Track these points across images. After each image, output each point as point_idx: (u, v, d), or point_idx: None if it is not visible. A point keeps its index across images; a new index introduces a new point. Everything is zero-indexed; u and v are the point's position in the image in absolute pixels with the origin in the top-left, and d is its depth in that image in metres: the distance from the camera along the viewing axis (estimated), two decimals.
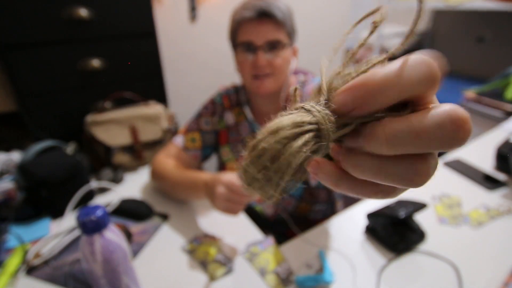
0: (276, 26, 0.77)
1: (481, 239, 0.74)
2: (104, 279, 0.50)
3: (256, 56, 0.78)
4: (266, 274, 0.65)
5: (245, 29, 0.78)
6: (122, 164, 1.03)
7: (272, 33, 0.77)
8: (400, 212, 0.68)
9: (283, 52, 0.79)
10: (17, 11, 0.91)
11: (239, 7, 0.80)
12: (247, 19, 0.77)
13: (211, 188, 0.69)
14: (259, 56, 0.78)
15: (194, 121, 0.94)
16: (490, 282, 0.63)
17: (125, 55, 1.13)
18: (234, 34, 0.82)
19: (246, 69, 0.81)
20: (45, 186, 0.78)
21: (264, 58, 0.78)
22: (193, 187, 0.77)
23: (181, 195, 0.85)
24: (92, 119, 1.00)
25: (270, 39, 0.77)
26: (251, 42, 0.78)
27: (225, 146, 0.94)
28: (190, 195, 0.82)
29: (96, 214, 0.47)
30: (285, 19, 0.77)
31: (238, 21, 0.79)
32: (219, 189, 0.65)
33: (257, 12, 0.75)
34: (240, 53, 0.81)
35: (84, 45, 1.05)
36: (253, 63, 0.79)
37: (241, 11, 0.78)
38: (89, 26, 1.03)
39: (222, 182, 0.65)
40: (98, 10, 1.02)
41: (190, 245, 0.73)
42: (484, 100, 1.86)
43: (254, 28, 0.77)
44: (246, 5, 0.78)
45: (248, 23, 0.77)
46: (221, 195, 0.64)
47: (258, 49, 0.77)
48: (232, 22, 0.83)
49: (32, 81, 0.99)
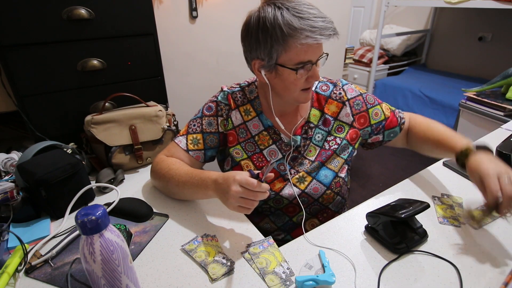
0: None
1: (481, 239, 0.74)
2: (104, 279, 0.50)
3: (312, 71, 0.79)
4: (266, 274, 0.65)
5: (311, 50, 0.75)
6: (122, 164, 1.03)
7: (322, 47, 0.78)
8: (401, 212, 0.68)
9: (325, 60, 0.82)
10: (17, 11, 0.91)
11: (298, 25, 0.71)
12: (316, 43, 0.74)
13: (223, 186, 0.70)
14: (316, 72, 0.79)
15: (196, 122, 0.93)
16: (490, 282, 0.63)
17: (125, 55, 1.13)
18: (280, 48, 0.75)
19: (298, 85, 0.81)
20: (45, 186, 0.78)
21: (319, 71, 0.80)
22: (201, 186, 0.77)
23: (187, 194, 0.85)
24: (92, 119, 1.00)
25: (322, 53, 0.79)
26: (310, 61, 0.77)
27: (236, 146, 0.93)
28: (197, 194, 0.82)
29: (96, 214, 0.47)
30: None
31: (303, 43, 0.73)
32: (234, 187, 0.67)
33: (330, 35, 0.73)
34: (294, 73, 0.78)
35: (84, 45, 1.05)
36: (308, 78, 0.80)
37: (307, 33, 0.71)
38: (89, 26, 1.03)
39: (237, 180, 0.67)
40: (98, 10, 1.02)
41: (190, 245, 0.73)
42: (484, 100, 1.86)
43: (317, 43, 0.75)
44: (312, 26, 0.71)
45: (314, 45, 0.75)
46: (237, 193, 0.66)
47: (314, 65, 0.78)
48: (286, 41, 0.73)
49: (32, 81, 0.99)
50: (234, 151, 0.93)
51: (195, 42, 1.65)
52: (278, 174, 0.92)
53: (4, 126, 1.30)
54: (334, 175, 0.92)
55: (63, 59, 1.02)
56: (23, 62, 0.96)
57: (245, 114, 0.93)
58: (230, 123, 0.93)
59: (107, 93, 1.07)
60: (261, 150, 0.92)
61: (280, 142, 0.92)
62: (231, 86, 0.96)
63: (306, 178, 0.91)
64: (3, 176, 0.94)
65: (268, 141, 0.93)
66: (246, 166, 0.92)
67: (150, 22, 1.14)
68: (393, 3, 3.00)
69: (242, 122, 0.93)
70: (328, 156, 0.91)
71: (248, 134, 0.93)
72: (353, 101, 0.93)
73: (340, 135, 0.92)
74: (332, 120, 0.93)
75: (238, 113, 0.93)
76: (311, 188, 0.91)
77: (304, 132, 0.92)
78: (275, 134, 0.92)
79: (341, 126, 0.93)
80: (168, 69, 1.61)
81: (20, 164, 0.82)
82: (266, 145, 0.92)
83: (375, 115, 0.94)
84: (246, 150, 0.93)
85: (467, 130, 2.01)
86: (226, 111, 0.93)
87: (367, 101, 0.94)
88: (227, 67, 1.81)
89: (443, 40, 3.37)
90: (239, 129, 0.93)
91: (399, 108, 2.97)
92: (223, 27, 1.70)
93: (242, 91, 0.95)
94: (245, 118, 0.93)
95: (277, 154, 0.92)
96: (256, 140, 0.93)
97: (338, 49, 2.21)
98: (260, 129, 0.93)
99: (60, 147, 0.94)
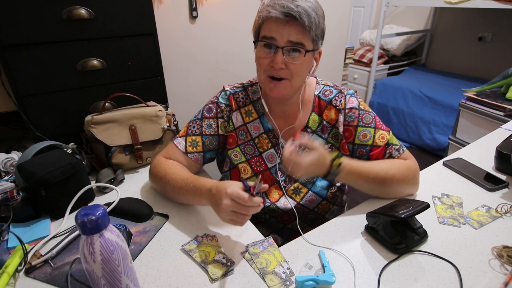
0: (302, 30, 0.74)
1: (482, 239, 0.74)
2: (104, 279, 0.50)
3: (275, 55, 0.77)
4: (266, 274, 0.65)
5: (270, 26, 0.76)
6: (122, 164, 1.03)
7: (296, 35, 0.74)
8: (401, 212, 0.68)
9: (303, 57, 0.77)
10: (17, 11, 0.91)
11: (268, 2, 0.77)
12: (273, 17, 0.74)
13: (215, 198, 0.69)
14: (277, 56, 0.76)
15: (196, 124, 0.92)
16: (490, 282, 0.63)
17: (125, 55, 1.13)
18: (258, 28, 0.80)
19: (262, 65, 0.80)
20: (45, 186, 0.78)
21: (282, 59, 0.76)
22: (196, 193, 0.77)
23: (183, 200, 0.85)
24: (92, 119, 1.00)
25: (293, 40, 0.75)
26: (274, 40, 0.76)
27: (235, 149, 0.92)
28: (193, 201, 0.82)
29: (96, 214, 0.47)
30: (311, 24, 0.74)
31: (264, 16, 0.76)
32: (225, 201, 0.65)
33: (284, 13, 0.73)
34: (260, 47, 0.79)
35: (84, 45, 1.05)
36: (271, 62, 0.78)
37: (269, 8, 0.75)
38: (89, 26, 1.03)
39: (229, 194, 0.65)
40: (98, 10, 1.02)
41: (190, 245, 0.73)
42: (484, 100, 1.86)
43: (279, 26, 0.74)
44: (275, 2, 0.74)
45: (274, 21, 0.75)
46: (227, 207, 0.65)
47: (278, 49, 0.76)
48: (258, 16, 0.79)
49: (32, 81, 0.99)
50: (233, 153, 0.92)
51: (195, 42, 1.65)
52: (275, 180, 0.91)
53: (4, 126, 1.29)
54: (330, 185, 0.91)
55: (63, 59, 1.02)
56: (23, 62, 0.96)
57: (246, 116, 0.92)
58: (231, 124, 0.91)
59: (107, 93, 1.07)
60: (260, 153, 0.91)
61: (279, 147, 0.91)
62: (233, 86, 0.94)
63: (301, 190, 0.90)
64: (3, 176, 0.94)
65: (267, 145, 0.91)
66: (244, 169, 0.91)
67: (150, 22, 1.14)
68: (393, 3, 3.00)
69: (242, 124, 0.92)
70: None
71: (248, 136, 0.92)
72: (348, 112, 0.87)
73: (336, 143, 0.90)
74: (329, 128, 0.90)
75: (239, 115, 0.92)
76: (307, 199, 0.90)
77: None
78: (274, 138, 0.91)
79: (336, 134, 0.90)
80: (168, 69, 1.61)
81: (20, 164, 0.82)
82: (266, 148, 0.91)
83: (362, 136, 0.87)
84: (245, 152, 0.92)
85: (467, 130, 2.01)
86: (227, 112, 0.91)
87: (361, 119, 0.87)
88: (227, 67, 1.81)
89: (443, 40, 3.37)
90: (239, 131, 0.92)
91: (399, 108, 3.01)
92: (223, 27, 1.70)
93: (245, 91, 0.93)
94: (246, 120, 0.92)
95: (275, 158, 0.91)
96: (256, 143, 0.92)
97: (338, 49, 2.21)
98: (261, 132, 0.91)
99: (60, 147, 0.94)
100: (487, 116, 1.84)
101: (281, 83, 0.79)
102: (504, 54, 2.89)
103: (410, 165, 0.85)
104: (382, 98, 3.16)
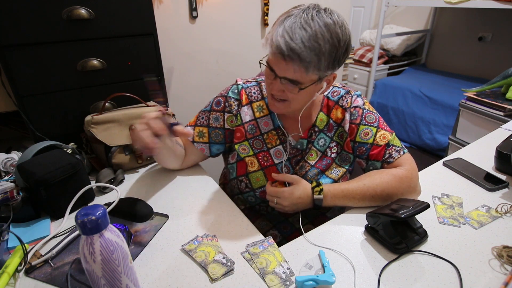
0: (299, 68, 0.71)
1: (482, 239, 0.74)
2: (104, 279, 0.50)
3: (275, 81, 0.77)
4: (266, 274, 0.65)
5: (272, 57, 0.75)
6: (122, 164, 1.03)
7: (293, 74, 0.73)
8: (401, 212, 0.68)
9: (299, 89, 0.76)
10: (17, 11, 0.91)
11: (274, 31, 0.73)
12: (274, 51, 0.72)
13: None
14: (276, 83, 0.77)
15: (204, 115, 0.95)
16: (490, 282, 0.63)
17: (125, 55, 1.13)
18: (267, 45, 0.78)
19: (266, 82, 0.81)
20: (45, 186, 0.78)
21: (280, 87, 0.77)
22: None
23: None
24: (92, 119, 1.00)
25: (289, 77, 0.74)
26: (274, 69, 0.75)
27: (243, 142, 0.93)
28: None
29: (96, 214, 0.47)
30: (313, 59, 0.70)
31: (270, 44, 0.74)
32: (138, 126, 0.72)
33: (282, 52, 0.70)
34: (266, 67, 0.79)
35: (84, 45, 1.05)
36: (271, 84, 0.79)
37: (273, 39, 0.72)
38: (89, 26, 1.03)
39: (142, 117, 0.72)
40: (98, 10, 1.02)
41: (190, 245, 0.73)
42: (484, 100, 1.86)
43: (278, 61, 0.73)
44: (278, 37, 0.71)
45: (274, 55, 0.73)
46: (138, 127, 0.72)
47: (277, 77, 0.76)
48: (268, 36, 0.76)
49: (32, 81, 0.99)
50: (241, 147, 0.93)
51: (195, 42, 1.65)
52: None
53: (4, 126, 1.29)
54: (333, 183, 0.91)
55: (63, 59, 1.02)
56: (23, 62, 0.96)
57: (257, 111, 0.93)
58: (239, 119, 0.93)
59: (107, 93, 1.07)
60: (268, 148, 0.93)
61: (287, 144, 0.92)
62: (246, 80, 0.96)
63: None
64: (3, 176, 0.94)
65: (276, 141, 0.93)
66: (251, 162, 0.93)
67: (150, 22, 1.14)
68: (393, 3, 3.00)
69: (253, 119, 0.93)
70: (328, 165, 0.91)
71: (258, 131, 0.93)
72: (353, 110, 0.89)
73: (341, 142, 0.92)
74: (336, 126, 0.91)
75: (250, 109, 0.93)
76: None
77: (309, 136, 0.92)
78: (283, 135, 0.92)
79: (342, 133, 0.91)
80: (168, 69, 1.61)
81: (20, 164, 0.82)
82: (274, 145, 0.93)
83: (364, 134, 0.88)
84: (253, 147, 0.93)
85: (467, 130, 2.01)
86: (236, 107, 0.92)
87: (364, 117, 0.88)
88: (227, 67, 1.81)
89: (443, 40, 3.37)
90: (248, 125, 0.93)
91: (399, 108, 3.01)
92: (223, 27, 1.70)
93: (258, 87, 0.94)
94: (256, 115, 0.93)
95: (282, 155, 0.92)
96: (265, 138, 0.93)
97: None
98: (270, 128, 0.93)
99: (60, 147, 0.94)
100: (487, 116, 1.84)
101: (280, 102, 0.81)
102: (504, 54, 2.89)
103: (402, 176, 0.82)
104: (382, 98, 3.16)
